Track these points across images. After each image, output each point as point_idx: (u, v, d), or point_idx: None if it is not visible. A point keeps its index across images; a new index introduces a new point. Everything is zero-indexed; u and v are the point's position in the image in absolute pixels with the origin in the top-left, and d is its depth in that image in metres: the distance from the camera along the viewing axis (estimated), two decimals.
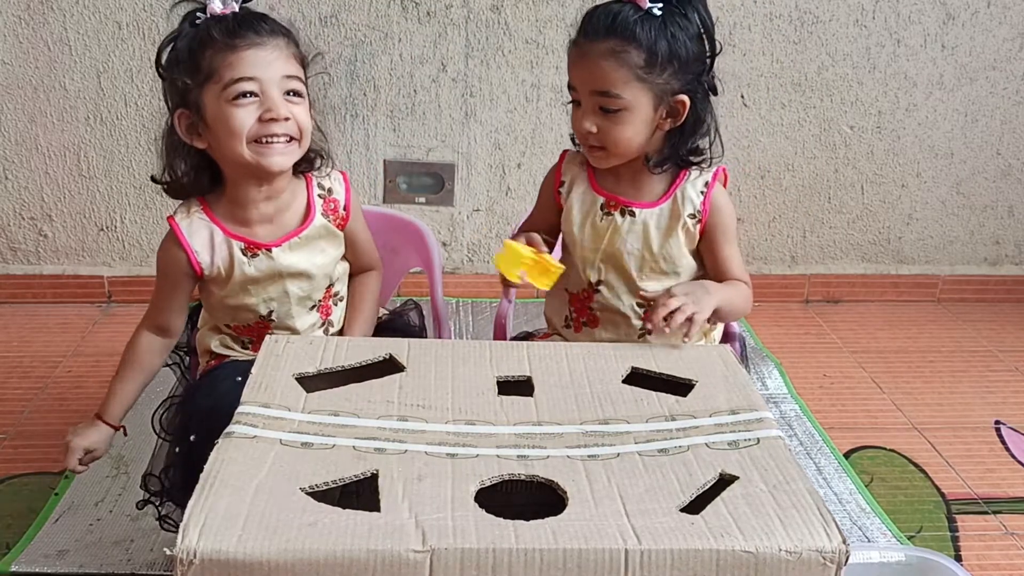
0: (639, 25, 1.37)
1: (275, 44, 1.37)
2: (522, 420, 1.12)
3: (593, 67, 1.39)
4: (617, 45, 1.37)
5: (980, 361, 2.53)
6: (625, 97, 1.39)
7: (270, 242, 1.44)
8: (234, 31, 1.35)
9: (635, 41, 1.37)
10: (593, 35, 1.39)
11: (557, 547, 0.89)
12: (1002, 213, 2.85)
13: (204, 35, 1.35)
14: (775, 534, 0.92)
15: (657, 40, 1.37)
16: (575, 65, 1.44)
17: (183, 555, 0.85)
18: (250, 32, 1.35)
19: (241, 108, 1.34)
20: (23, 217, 2.59)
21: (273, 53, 1.36)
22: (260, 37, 1.36)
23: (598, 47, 1.38)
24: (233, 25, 1.35)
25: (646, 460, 1.05)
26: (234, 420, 1.06)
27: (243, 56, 1.34)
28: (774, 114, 2.65)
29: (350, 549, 0.87)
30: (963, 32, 2.61)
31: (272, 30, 1.38)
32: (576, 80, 1.44)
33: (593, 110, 1.42)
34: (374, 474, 0.99)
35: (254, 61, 1.35)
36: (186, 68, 1.37)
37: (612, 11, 1.39)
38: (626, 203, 1.49)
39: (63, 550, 1.66)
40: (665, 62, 1.38)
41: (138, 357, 1.48)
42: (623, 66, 1.37)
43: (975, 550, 1.78)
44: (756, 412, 1.15)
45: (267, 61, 1.35)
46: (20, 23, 2.39)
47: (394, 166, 2.63)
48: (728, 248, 1.52)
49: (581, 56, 1.41)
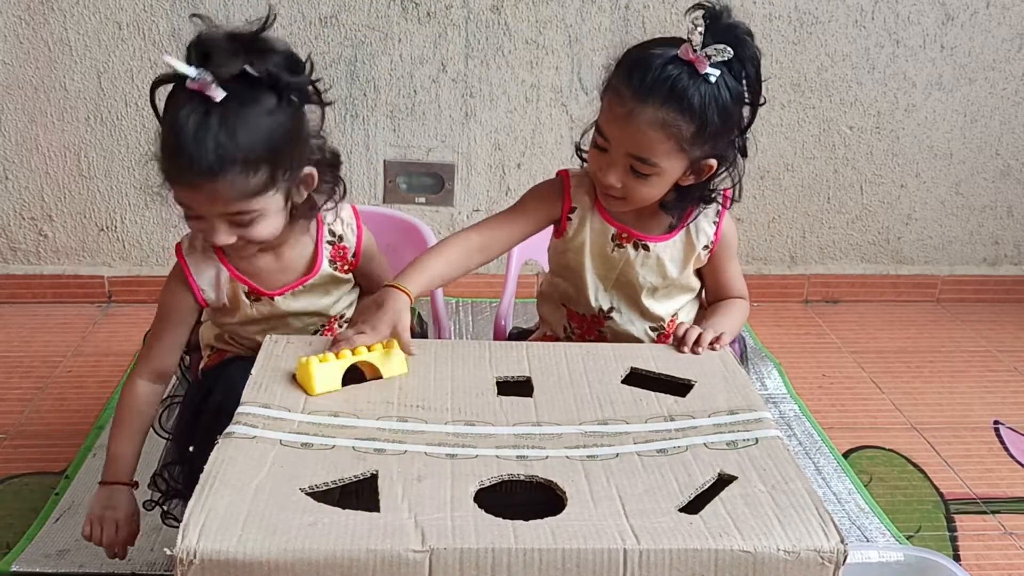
0: (696, 94, 1.28)
1: (212, 189, 1.21)
2: (521, 420, 1.12)
3: (637, 132, 1.31)
4: (669, 116, 1.29)
5: (979, 361, 2.53)
6: (662, 165, 1.33)
7: (273, 291, 1.41)
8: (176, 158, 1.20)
9: (689, 112, 1.29)
10: (644, 96, 1.29)
11: (556, 547, 0.89)
12: (1001, 213, 2.86)
13: (167, 131, 1.21)
14: (773, 534, 0.93)
15: (709, 111, 1.30)
16: (616, 121, 1.33)
17: (183, 555, 0.85)
18: (193, 169, 1.19)
19: (192, 221, 1.29)
20: (23, 217, 2.59)
21: (208, 199, 1.23)
22: (202, 178, 1.20)
23: (647, 113, 1.29)
24: (181, 145, 1.18)
25: (645, 460, 1.05)
26: (234, 420, 1.07)
27: (182, 191, 1.24)
28: (773, 114, 2.66)
29: (350, 549, 0.87)
30: (962, 33, 2.61)
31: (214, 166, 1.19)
32: (612, 135, 1.34)
33: (624, 168, 1.35)
34: (374, 474, 0.99)
35: (193, 198, 1.24)
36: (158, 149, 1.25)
37: (669, 74, 1.29)
38: (639, 236, 1.45)
39: (63, 550, 1.66)
40: (711, 134, 1.32)
41: (139, 412, 1.41)
42: (670, 138, 1.31)
43: (974, 550, 1.79)
44: (755, 412, 1.16)
45: (203, 203, 1.24)
46: (20, 23, 2.40)
47: (394, 166, 2.63)
48: (731, 266, 1.52)
49: (627, 115, 1.30)
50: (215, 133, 1.18)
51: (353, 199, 2.61)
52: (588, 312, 1.52)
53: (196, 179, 1.20)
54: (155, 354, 1.43)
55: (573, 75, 2.55)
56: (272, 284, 1.41)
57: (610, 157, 1.35)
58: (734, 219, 1.53)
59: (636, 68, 1.31)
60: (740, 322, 1.49)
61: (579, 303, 1.52)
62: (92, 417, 2.08)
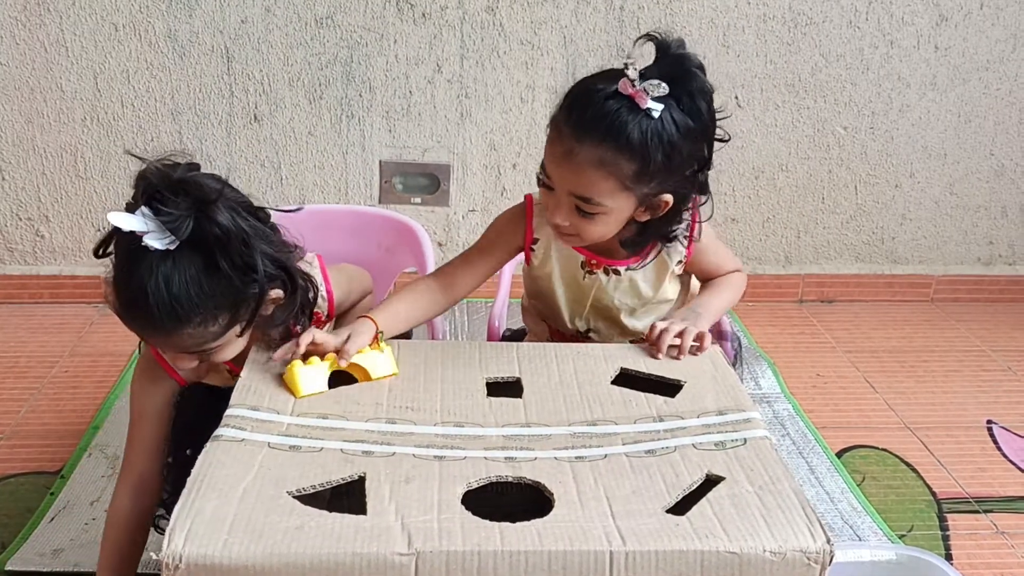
0: (636, 130, 1.22)
1: (171, 342, 1.19)
2: (510, 422, 1.13)
3: (577, 172, 1.26)
4: (607, 154, 1.23)
5: (973, 361, 2.54)
6: (607, 205, 1.28)
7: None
8: (132, 322, 1.17)
9: (629, 150, 1.23)
10: (581, 134, 1.24)
11: (542, 549, 0.90)
12: (995, 213, 2.86)
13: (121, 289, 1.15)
14: (760, 535, 0.93)
15: (652, 148, 1.23)
16: (556, 160, 1.28)
17: (169, 560, 0.86)
18: (142, 326, 1.17)
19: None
20: (20, 218, 2.60)
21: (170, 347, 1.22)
22: (160, 334, 1.17)
23: (585, 152, 1.24)
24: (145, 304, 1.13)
25: (633, 461, 1.05)
26: (223, 423, 1.07)
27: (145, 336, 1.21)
28: (768, 115, 2.66)
29: (335, 553, 0.88)
30: (956, 33, 2.62)
31: (169, 325, 1.14)
32: (554, 174, 1.29)
33: (569, 207, 1.30)
34: (361, 477, 1.00)
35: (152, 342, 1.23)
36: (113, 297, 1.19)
37: (607, 110, 1.23)
38: (608, 262, 1.43)
39: (58, 549, 1.67)
40: (657, 171, 1.26)
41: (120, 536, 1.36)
42: (610, 177, 1.25)
43: (966, 549, 1.79)
44: (743, 412, 1.16)
45: (164, 348, 1.24)
46: (17, 24, 2.40)
47: (390, 167, 2.64)
48: (714, 258, 1.49)
49: (566, 155, 1.26)
50: (173, 292, 1.12)
51: (349, 200, 2.64)
52: (567, 331, 1.52)
53: (154, 334, 1.18)
54: (137, 459, 1.37)
55: (568, 76, 2.55)
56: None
57: (556, 196, 1.31)
58: (731, 220, 1.53)
59: (576, 104, 1.26)
60: (730, 300, 1.47)
61: (558, 322, 1.52)
62: (88, 417, 2.09)
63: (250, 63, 2.48)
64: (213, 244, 1.13)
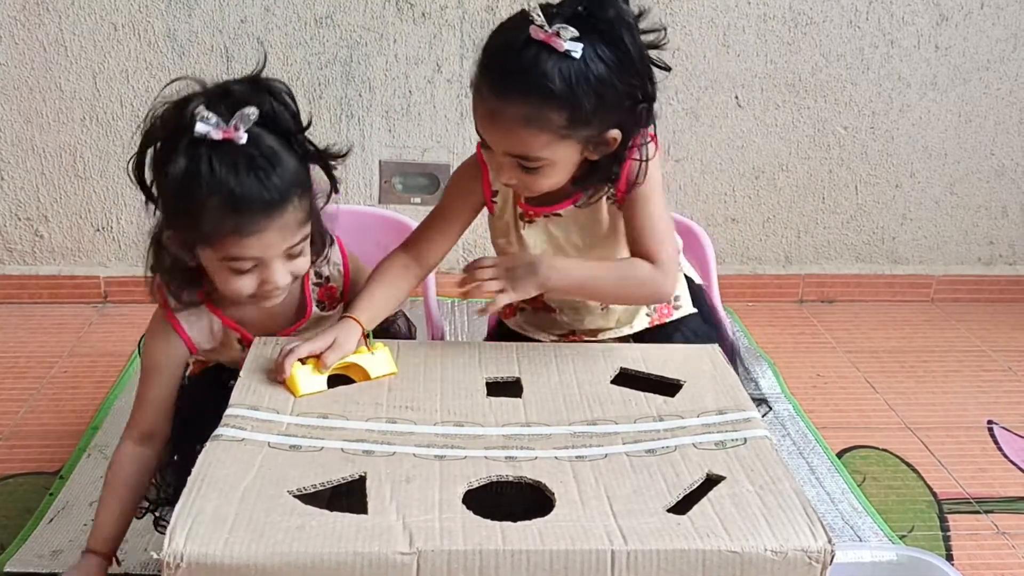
0: (557, 77, 1.15)
1: (280, 223, 1.19)
2: (510, 421, 1.13)
3: (506, 133, 1.20)
4: (532, 110, 1.17)
5: (973, 361, 2.53)
6: (546, 157, 1.21)
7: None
8: (240, 209, 1.15)
9: (554, 100, 1.16)
10: (501, 92, 1.18)
11: (544, 548, 0.89)
12: (996, 213, 2.86)
13: (201, 196, 1.15)
14: (761, 534, 0.93)
15: (580, 92, 1.16)
16: (483, 123, 1.23)
17: (170, 559, 0.85)
18: (252, 211, 1.16)
19: (239, 277, 1.23)
20: (19, 217, 2.60)
21: (277, 235, 1.20)
22: (265, 218, 1.17)
23: (511, 111, 1.18)
24: (240, 193, 1.15)
25: (633, 461, 1.05)
26: (223, 423, 1.07)
27: (246, 241, 1.18)
28: (768, 115, 2.66)
29: (337, 552, 0.88)
30: (956, 33, 2.62)
31: (274, 200, 1.17)
32: (486, 137, 1.24)
33: (511, 166, 1.24)
34: (362, 476, 1.00)
35: (257, 245, 1.19)
36: (178, 214, 1.20)
37: (523, 62, 1.15)
38: (544, 210, 1.37)
39: (57, 550, 1.67)
40: (591, 112, 1.19)
41: (124, 480, 1.34)
42: (542, 131, 1.18)
43: (967, 549, 1.79)
44: (743, 412, 1.16)
45: (270, 243, 1.20)
46: (16, 24, 2.40)
47: (389, 166, 2.63)
48: (642, 214, 1.32)
49: (491, 117, 1.20)
50: (267, 168, 1.16)
51: (348, 200, 2.64)
52: None
53: (264, 220, 1.17)
54: (144, 415, 1.36)
55: None
56: (263, 332, 1.34)
57: (495, 157, 1.26)
58: (731, 220, 1.51)
59: (492, 62, 1.19)
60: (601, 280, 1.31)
61: None
62: (87, 417, 2.09)
63: (249, 63, 2.46)
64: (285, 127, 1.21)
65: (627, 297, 1.37)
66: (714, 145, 2.68)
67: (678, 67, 2.53)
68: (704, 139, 2.66)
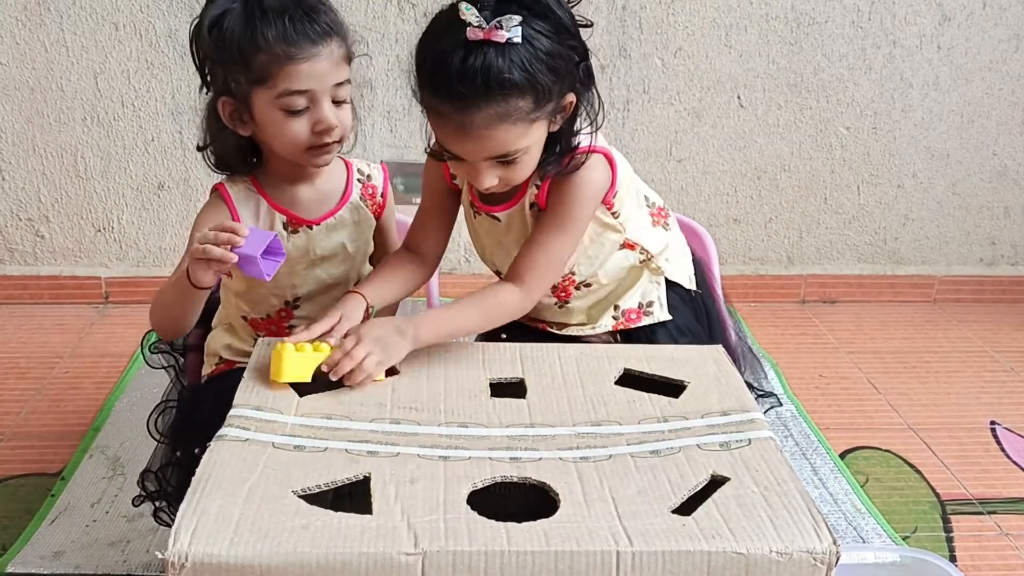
0: (514, 68, 1.15)
1: (329, 52, 1.31)
2: (514, 422, 1.12)
3: (481, 139, 1.20)
4: (501, 108, 1.17)
5: (976, 362, 2.53)
6: (523, 145, 1.23)
7: (311, 219, 1.44)
8: (290, 37, 1.28)
9: (517, 90, 1.17)
10: (466, 105, 1.17)
11: (549, 549, 0.89)
12: (998, 214, 2.86)
13: (256, 35, 1.28)
14: (766, 535, 0.93)
15: (536, 73, 1.17)
16: (454, 140, 1.22)
17: (174, 559, 0.85)
18: (305, 39, 1.29)
19: (295, 120, 1.33)
20: (20, 218, 2.59)
21: (328, 63, 1.31)
22: (316, 46, 1.30)
23: (479, 118, 1.17)
24: (289, 27, 1.28)
25: (638, 462, 1.05)
26: (227, 423, 1.07)
27: (300, 68, 1.29)
28: (770, 115, 2.66)
29: (342, 552, 0.87)
30: (959, 33, 2.62)
31: (325, 31, 1.31)
32: (459, 151, 1.24)
33: (490, 169, 1.25)
34: (367, 477, 0.99)
35: (310, 74, 1.30)
36: (235, 62, 1.31)
37: (476, 67, 1.15)
38: (487, 208, 1.41)
39: (59, 551, 1.67)
40: (551, 86, 1.20)
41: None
42: (515, 124, 1.19)
43: (970, 551, 1.79)
44: (748, 413, 1.16)
45: (322, 72, 1.31)
46: (17, 24, 2.40)
47: (391, 167, 2.62)
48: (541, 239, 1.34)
49: (460, 130, 1.19)
50: (312, 11, 1.31)
51: None
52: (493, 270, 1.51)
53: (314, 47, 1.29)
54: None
55: None
56: (310, 213, 1.44)
57: (471, 165, 1.25)
58: (733, 221, 1.51)
59: (439, 76, 1.18)
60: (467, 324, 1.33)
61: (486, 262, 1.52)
62: (89, 418, 2.08)
63: None
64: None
65: (495, 323, 1.37)
66: (716, 145, 2.67)
67: (680, 67, 2.53)
68: (706, 139, 2.66)
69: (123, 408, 2.12)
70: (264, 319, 1.49)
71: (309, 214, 1.45)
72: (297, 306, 1.48)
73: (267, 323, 1.49)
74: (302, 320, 1.45)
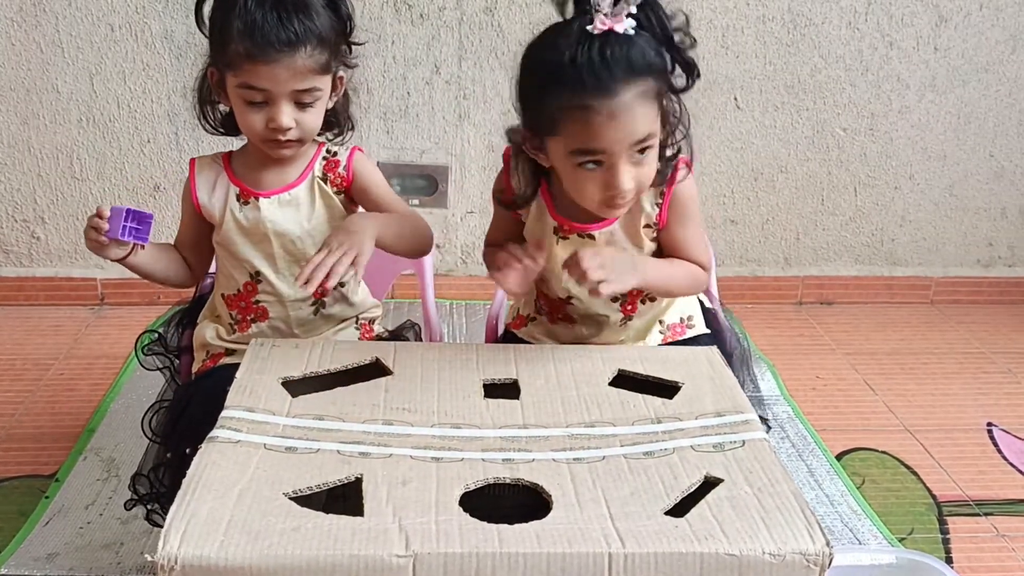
0: (642, 49, 1.22)
1: (291, 61, 1.32)
2: (508, 423, 1.12)
3: (628, 121, 1.22)
4: (641, 85, 1.22)
5: (973, 363, 2.53)
6: (655, 129, 1.27)
7: (260, 192, 1.46)
8: (255, 36, 1.31)
9: (649, 69, 1.23)
10: (612, 85, 1.20)
11: (541, 551, 0.89)
12: (995, 215, 2.86)
13: (229, 22, 1.32)
14: (759, 537, 0.93)
15: (658, 54, 1.25)
16: (602, 130, 1.23)
17: (164, 561, 0.85)
18: (267, 43, 1.31)
19: (252, 110, 1.37)
20: (15, 219, 2.59)
21: (287, 72, 1.33)
22: (278, 52, 1.31)
23: (627, 97, 1.21)
24: (259, 23, 1.30)
25: (631, 463, 1.05)
26: (218, 424, 1.06)
27: (258, 68, 1.32)
28: (767, 116, 2.65)
29: (333, 554, 0.87)
30: (955, 34, 2.61)
31: (291, 40, 1.31)
32: (607, 143, 1.24)
33: (629, 166, 1.26)
34: (358, 478, 0.99)
35: (267, 76, 1.33)
36: (214, 40, 1.37)
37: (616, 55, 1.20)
38: (581, 228, 1.40)
39: (53, 553, 1.66)
40: (670, 67, 1.27)
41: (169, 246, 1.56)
42: (653, 100, 1.25)
43: (966, 552, 1.78)
44: (742, 414, 1.16)
45: (280, 79, 1.33)
46: (12, 25, 2.39)
47: (387, 168, 2.63)
48: (685, 231, 1.42)
49: (608, 118, 1.22)
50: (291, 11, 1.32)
51: None
52: (554, 295, 1.49)
53: (275, 52, 1.31)
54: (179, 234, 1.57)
55: None
56: (263, 187, 1.47)
57: (612, 166, 1.26)
58: (730, 222, 1.52)
59: (583, 73, 1.21)
60: (672, 277, 1.41)
61: (548, 285, 1.49)
62: (83, 420, 2.08)
63: None
64: None
65: (681, 291, 1.48)
66: (713, 147, 2.67)
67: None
68: (703, 141, 2.66)
69: (118, 410, 2.11)
70: (235, 295, 1.51)
71: (262, 187, 1.47)
72: (259, 280, 1.49)
73: (237, 299, 1.51)
74: (268, 296, 1.49)
